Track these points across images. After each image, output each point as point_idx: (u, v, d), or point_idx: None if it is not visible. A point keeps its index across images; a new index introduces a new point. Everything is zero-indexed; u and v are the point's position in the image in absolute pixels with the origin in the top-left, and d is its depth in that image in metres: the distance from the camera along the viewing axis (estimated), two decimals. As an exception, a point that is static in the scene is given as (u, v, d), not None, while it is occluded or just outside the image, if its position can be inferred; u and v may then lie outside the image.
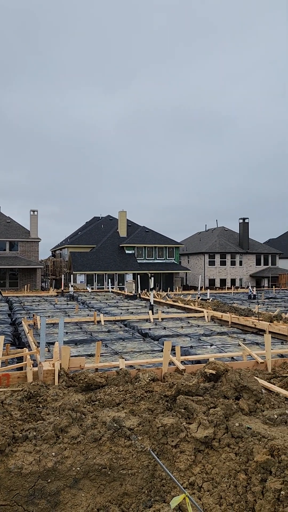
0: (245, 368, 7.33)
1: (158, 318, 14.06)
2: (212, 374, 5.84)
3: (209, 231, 61.84)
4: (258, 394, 5.31)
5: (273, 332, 11.23)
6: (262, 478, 3.79)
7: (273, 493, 3.47)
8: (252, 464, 3.97)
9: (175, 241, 53.15)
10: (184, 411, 4.80)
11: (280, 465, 3.83)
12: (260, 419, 4.98)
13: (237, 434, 4.44)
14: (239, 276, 54.18)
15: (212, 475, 4.16)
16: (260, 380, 6.21)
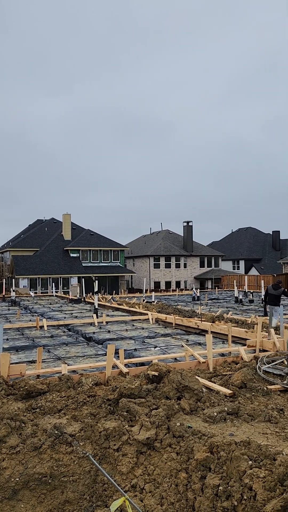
0: (188, 368, 7.48)
1: (103, 322, 13.99)
2: (154, 375, 5.90)
3: (154, 234, 62.56)
4: (199, 393, 5.43)
5: (215, 332, 11.56)
6: (202, 475, 3.87)
7: (211, 489, 3.56)
8: (193, 462, 4.05)
9: (120, 244, 53.23)
10: (126, 414, 4.81)
11: (219, 461, 3.93)
12: (201, 418, 5.10)
13: (178, 433, 4.51)
14: (183, 278, 55.25)
15: (154, 476, 4.19)
16: (201, 379, 6.36)
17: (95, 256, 50.77)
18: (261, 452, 3.83)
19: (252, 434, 4.68)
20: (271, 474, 3.44)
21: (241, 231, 71.41)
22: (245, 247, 65.13)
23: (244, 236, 68.48)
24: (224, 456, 3.95)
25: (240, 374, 6.25)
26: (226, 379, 6.49)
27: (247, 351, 8.94)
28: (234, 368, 7.39)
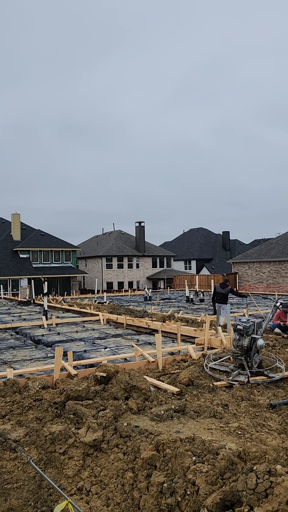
0: (138, 368, 7.52)
1: (52, 324, 13.76)
2: (103, 376, 5.88)
3: (106, 235, 62.36)
4: (146, 393, 5.47)
5: (165, 331, 11.70)
6: (147, 474, 3.90)
7: (156, 487, 3.60)
8: (139, 461, 4.07)
9: (72, 244, 52.56)
10: (73, 416, 4.76)
11: (165, 459, 3.99)
12: (148, 417, 5.14)
13: (126, 434, 4.52)
14: (136, 278, 55.48)
15: (100, 477, 4.18)
16: (150, 378, 6.42)
17: (46, 256, 49.80)
18: (205, 448, 3.92)
19: (197, 431, 4.79)
20: (213, 468, 3.53)
21: (193, 231, 72.78)
22: (196, 247, 66.45)
23: (196, 236, 69.85)
24: (169, 454, 4.01)
25: (187, 372, 6.37)
26: (174, 377, 6.59)
27: (196, 349, 9.12)
28: (183, 366, 7.52)
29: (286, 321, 11.74)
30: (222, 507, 2.75)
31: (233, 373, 6.82)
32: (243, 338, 6.90)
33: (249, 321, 7.02)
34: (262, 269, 36.90)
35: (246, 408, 5.51)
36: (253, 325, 7.01)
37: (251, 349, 6.93)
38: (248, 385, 6.43)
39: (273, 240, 39.79)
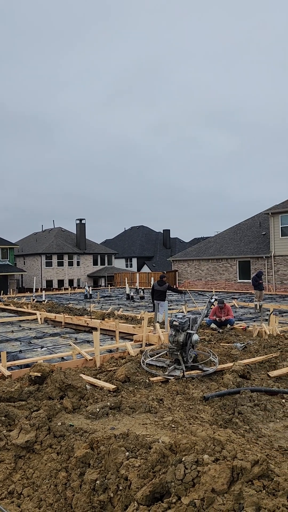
0: (75, 367, 7.45)
1: (-13, 324, 13.24)
2: (37, 376, 5.76)
3: (46, 232, 61.00)
4: (82, 391, 5.44)
5: (104, 329, 11.68)
6: (81, 472, 3.88)
7: (89, 485, 3.59)
8: (73, 460, 4.04)
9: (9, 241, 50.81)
10: (4, 418, 4.61)
11: (99, 456, 3.99)
12: (84, 415, 5.12)
13: (60, 433, 4.47)
14: (77, 276, 54.83)
15: (33, 479, 4.09)
16: (86, 376, 6.39)
17: (-18, 254, 47.82)
18: (138, 442, 3.97)
19: (132, 426, 4.83)
20: (145, 462, 3.59)
21: (134, 229, 73.23)
22: (137, 245, 66.94)
23: (137, 234, 70.34)
24: (103, 451, 4.01)
25: (123, 369, 6.41)
26: (111, 374, 6.60)
27: (134, 346, 9.20)
28: (120, 363, 7.55)
29: (221, 316, 12.18)
30: (152, 499, 2.80)
31: (169, 368, 6.97)
32: (179, 334, 7.06)
33: (184, 317, 7.20)
34: (201, 267, 37.96)
35: (180, 402, 5.65)
36: (189, 321, 7.20)
37: (186, 344, 7.11)
38: (183, 379, 6.59)
39: (211, 239, 41.06)
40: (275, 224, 31.04)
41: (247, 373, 6.75)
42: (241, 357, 8.03)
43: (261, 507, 2.24)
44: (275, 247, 31.14)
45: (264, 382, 6.62)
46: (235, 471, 2.66)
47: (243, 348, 8.80)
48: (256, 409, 5.34)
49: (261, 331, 10.88)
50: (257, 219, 38.30)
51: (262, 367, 7.59)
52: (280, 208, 30.65)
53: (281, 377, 6.93)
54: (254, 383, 6.52)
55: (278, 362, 7.76)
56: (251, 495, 2.33)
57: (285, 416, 5.33)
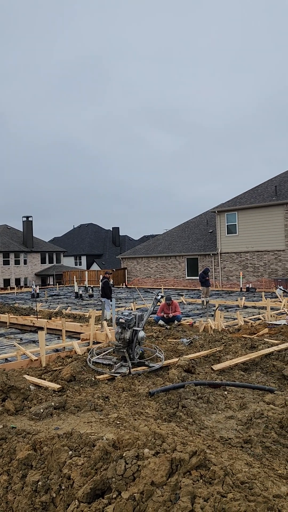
0: (19, 367, 7.28)
1: None
2: (-22, 379, 5.56)
3: (-9, 230, 58.96)
4: (25, 392, 5.33)
5: (51, 328, 11.51)
6: (23, 474, 3.81)
7: (31, 486, 3.53)
8: (14, 462, 3.95)
9: None
10: None
11: (41, 457, 3.93)
12: (27, 416, 5.02)
13: (1, 436, 4.35)
14: (24, 275, 53.45)
15: (-28, 485, 3.96)
16: (30, 377, 6.26)
17: None
18: (82, 441, 3.96)
19: (77, 425, 4.80)
20: (89, 460, 3.58)
21: (83, 227, 72.53)
22: (86, 243, 66.37)
23: (86, 232, 69.73)
24: (46, 451, 3.96)
25: (69, 368, 6.35)
26: (56, 374, 6.52)
27: (81, 345, 9.14)
28: (67, 362, 7.47)
29: (169, 313, 12.39)
30: (93, 496, 2.81)
31: (115, 365, 6.99)
32: (125, 331, 7.10)
33: (131, 314, 7.24)
34: (150, 264, 38.32)
35: (126, 399, 5.68)
36: (135, 318, 7.26)
37: (133, 341, 7.16)
38: (129, 376, 6.64)
39: (160, 236, 41.55)
40: (222, 222, 31.96)
41: (192, 368, 6.92)
42: (187, 352, 8.21)
43: (196, 495, 2.31)
44: (222, 245, 32.07)
45: (208, 375, 6.81)
46: (174, 463, 2.72)
47: (189, 343, 9.01)
48: (199, 402, 5.49)
49: (207, 327, 11.18)
50: (204, 217, 39.24)
51: (207, 361, 7.81)
52: (226, 206, 31.60)
53: (224, 370, 7.16)
54: (199, 377, 6.69)
55: (222, 355, 8.01)
56: (187, 484, 2.40)
57: (227, 408, 5.52)
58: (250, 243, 30.29)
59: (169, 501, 2.32)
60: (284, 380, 6.69)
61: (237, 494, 2.39)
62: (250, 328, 11.06)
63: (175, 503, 2.29)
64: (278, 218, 28.75)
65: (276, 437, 4.54)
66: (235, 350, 8.28)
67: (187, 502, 2.26)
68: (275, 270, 29.05)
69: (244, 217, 30.59)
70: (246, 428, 4.83)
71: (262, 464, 3.93)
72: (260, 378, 6.82)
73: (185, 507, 2.21)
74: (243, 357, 7.58)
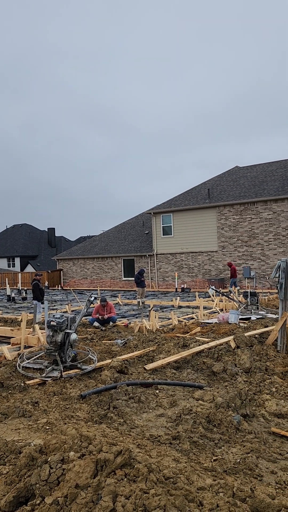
0: None
1: None
2: None
3: None
4: None
5: (-20, 333, 11.00)
6: None
7: None
8: None
9: None
10: None
11: None
12: None
13: None
14: None
15: None
16: None
17: None
18: (7, 449, 3.84)
19: (4, 433, 4.65)
20: (14, 468, 3.48)
21: (16, 227, 70.20)
22: (20, 244, 64.32)
23: (19, 232, 67.55)
24: None
25: (-3, 374, 6.12)
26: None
27: (12, 349, 8.84)
28: (-5, 368, 7.19)
29: (104, 314, 12.36)
30: (16, 504, 2.73)
31: (46, 369, 6.85)
32: (56, 334, 6.98)
33: (62, 316, 7.14)
34: (86, 266, 37.99)
35: (57, 403, 5.59)
36: (67, 320, 7.16)
37: (65, 344, 7.06)
38: (61, 380, 6.54)
39: (96, 237, 41.35)
40: (157, 223, 32.50)
41: (125, 368, 6.96)
42: (121, 353, 8.25)
43: (118, 494, 2.33)
44: (157, 246, 32.61)
45: (140, 375, 6.89)
46: (99, 464, 2.73)
47: (123, 344, 9.05)
48: (130, 402, 5.54)
49: (141, 327, 11.31)
50: (140, 218, 39.65)
51: (141, 361, 7.90)
52: (162, 208, 32.18)
53: (157, 369, 7.29)
54: (131, 377, 6.75)
55: (155, 355, 8.15)
56: (109, 484, 2.42)
57: (158, 406, 5.62)
58: (185, 244, 31.10)
59: (91, 502, 2.32)
60: (214, 376, 6.95)
61: (159, 489, 2.45)
62: (183, 327, 11.35)
63: (97, 504, 2.29)
64: (211, 220, 29.80)
65: (204, 431, 4.70)
66: (167, 349, 8.45)
67: (108, 501, 2.27)
68: (209, 270, 30.07)
69: (179, 219, 31.34)
70: (175, 424, 4.95)
71: (189, 459, 4.06)
72: (191, 375, 7.03)
73: (106, 507, 2.23)
74: (175, 355, 7.76)
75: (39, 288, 13.23)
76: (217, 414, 5.02)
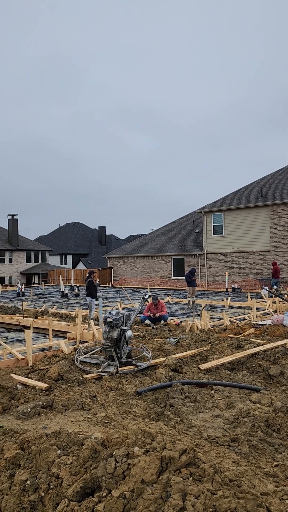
0: (5, 367, 7.23)
1: None
2: None
3: (-24, 227, 58.24)
4: (12, 391, 5.30)
5: (37, 327, 11.43)
6: (10, 473, 3.79)
7: (19, 486, 3.52)
8: (2, 462, 3.93)
9: None
10: None
11: (29, 456, 3.91)
12: (14, 415, 4.99)
13: (-12, 435, 4.31)
14: (9, 273, 52.93)
15: None
16: (17, 376, 6.22)
17: None
18: (70, 440, 3.95)
19: (65, 424, 4.79)
20: (77, 459, 3.58)
21: (69, 226, 72.14)
22: (72, 242, 66.04)
23: (72, 231, 69.37)
24: (34, 450, 3.94)
25: (56, 367, 6.33)
26: (43, 373, 6.49)
27: (68, 344, 9.11)
28: (53, 361, 7.44)
29: (156, 312, 12.42)
30: (83, 495, 2.81)
31: (103, 364, 6.98)
32: (112, 330, 7.10)
33: (118, 313, 7.25)
34: (136, 264, 38.33)
35: (114, 398, 5.69)
36: (122, 317, 7.26)
37: (120, 341, 7.17)
38: (117, 375, 6.64)
39: (146, 236, 41.59)
40: (208, 222, 32.15)
41: (179, 367, 6.95)
42: (174, 352, 8.25)
43: (187, 493, 2.34)
44: (208, 245, 32.27)
45: (195, 375, 6.86)
46: (164, 461, 2.74)
47: (176, 343, 9.05)
48: (187, 401, 5.52)
49: (193, 326, 11.25)
50: (190, 217, 39.41)
51: (194, 360, 7.86)
52: (213, 207, 31.80)
53: (211, 369, 7.22)
54: (186, 376, 6.73)
55: (208, 355, 8.07)
56: (178, 482, 2.42)
57: (214, 407, 5.57)
58: (236, 244, 30.55)
59: (160, 499, 2.34)
60: (270, 380, 6.78)
61: (226, 491, 2.42)
62: (236, 328, 11.16)
63: (166, 501, 2.31)
64: (264, 219, 29.06)
65: (263, 435, 4.60)
66: (221, 350, 8.35)
67: (178, 499, 2.28)
68: (260, 270, 29.35)
69: (230, 218, 30.83)
70: (233, 427, 4.88)
71: (249, 462, 3.98)
72: (246, 377, 6.89)
73: (176, 505, 2.23)
74: (230, 356, 7.65)
75: (93, 285, 13.50)
76: (277, 419, 4.89)
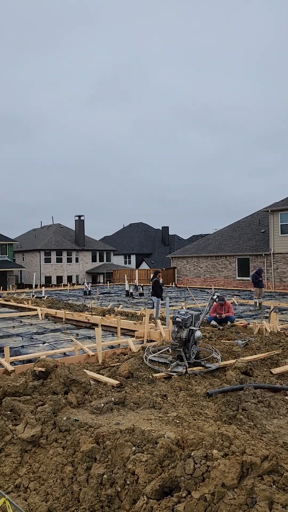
0: (77, 362, 7.46)
1: (-12, 319, 13.24)
2: (41, 371, 5.77)
3: (45, 228, 60.91)
4: (86, 386, 5.45)
5: (105, 325, 11.69)
6: (87, 466, 3.90)
7: (96, 479, 3.61)
8: (79, 454, 4.06)
9: (8, 237, 50.73)
10: (10, 413, 4.62)
11: (105, 450, 4.00)
12: (88, 410, 5.13)
13: (65, 428, 4.48)
14: (75, 273, 54.80)
15: (39, 473, 4.10)
16: (90, 372, 6.40)
17: (-19, 250, 47.74)
18: (144, 437, 3.99)
19: (137, 421, 4.85)
20: (152, 457, 3.60)
21: (133, 226, 73.15)
22: (136, 242, 66.89)
23: (135, 231, 70.27)
24: (109, 445, 4.03)
25: (127, 365, 6.42)
26: (114, 370, 6.62)
27: (136, 342, 9.21)
28: (123, 359, 7.57)
29: (222, 313, 12.20)
30: (161, 494, 2.82)
31: (171, 364, 6.98)
32: (181, 330, 7.07)
33: (187, 313, 7.21)
34: (199, 264, 37.97)
35: (184, 398, 5.66)
36: (191, 317, 7.21)
37: (189, 341, 7.12)
38: (186, 376, 6.61)
39: (210, 236, 41.06)
40: (275, 221, 31.05)
41: (250, 370, 6.77)
42: (243, 354, 8.05)
43: (274, 501, 2.25)
44: (275, 245, 31.16)
45: (267, 379, 6.63)
46: (244, 466, 2.67)
47: (244, 345, 8.83)
48: (260, 406, 5.36)
49: (261, 329, 10.90)
50: (256, 216, 38.29)
51: (264, 364, 7.62)
52: (280, 205, 30.66)
53: (284, 374, 6.95)
54: (257, 380, 6.54)
55: (280, 359, 7.78)
56: (263, 489, 2.34)
57: (289, 413, 5.35)
58: (306, 244, 29.20)
59: (245, 505, 2.28)
60: None
61: (314, 503, 2.31)
62: (308, 332, 10.66)
63: (252, 507, 2.24)
64: None
65: None
66: (294, 354, 8.01)
67: (264, 507, 2.20)
68: None
69: (299, 217, 29.53)
70: (310, 435, 4.65)
71: None
72: None
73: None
74: (303, 361, 7.31)
75: (159, 285, 13.56)
76: None
